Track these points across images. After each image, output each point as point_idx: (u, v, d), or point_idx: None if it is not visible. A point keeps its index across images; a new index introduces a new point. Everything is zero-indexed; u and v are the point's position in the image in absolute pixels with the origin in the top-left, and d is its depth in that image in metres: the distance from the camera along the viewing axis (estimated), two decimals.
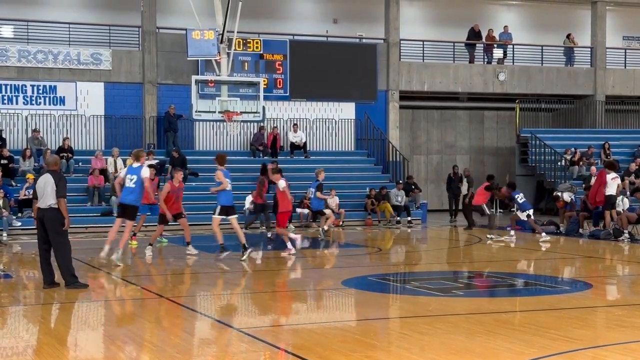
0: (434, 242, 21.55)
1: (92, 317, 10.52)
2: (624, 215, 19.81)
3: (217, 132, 28.01)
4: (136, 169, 14.91)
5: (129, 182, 14.84)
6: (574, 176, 28.11)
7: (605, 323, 9.71)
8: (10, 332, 9.34)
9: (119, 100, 27.25)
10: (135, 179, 14.81)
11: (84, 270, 14.73)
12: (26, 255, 18.25)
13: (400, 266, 16.05)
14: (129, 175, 14.90)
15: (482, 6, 33.67)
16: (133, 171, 14.91)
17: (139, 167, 14.92)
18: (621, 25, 35.20)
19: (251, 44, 27.93)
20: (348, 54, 29.52)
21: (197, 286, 13.21)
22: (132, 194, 14.85)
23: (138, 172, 14.86)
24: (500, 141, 34.01)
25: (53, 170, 12.00)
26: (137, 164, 14.98)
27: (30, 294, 11.97)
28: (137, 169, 14.90)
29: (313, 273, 14.84)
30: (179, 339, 8.75)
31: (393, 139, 29.89)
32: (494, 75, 31.57)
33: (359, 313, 10.65)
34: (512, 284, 13.08)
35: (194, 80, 22.02)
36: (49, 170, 12.12)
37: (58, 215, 11.55)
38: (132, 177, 14.83)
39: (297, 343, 8.48)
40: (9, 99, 26.12)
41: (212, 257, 16.37)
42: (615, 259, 16.91)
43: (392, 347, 8.20)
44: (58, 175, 11.83)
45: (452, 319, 9.66)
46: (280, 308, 11.00)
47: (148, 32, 27.56)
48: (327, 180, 25.51)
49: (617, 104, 33.65)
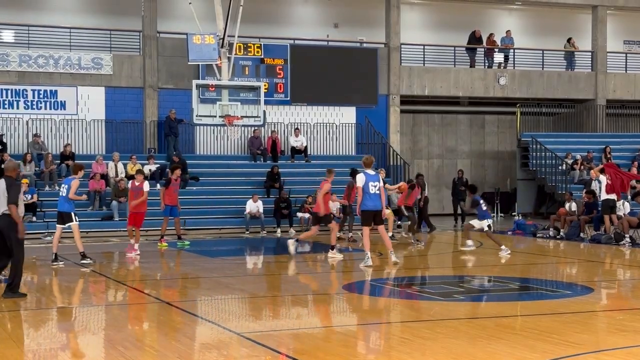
0: (435, 246, 21.51)
1: (92, 322, 10.50)
2: (625, 220, 19.80)
3: (218, 137, 28.02)
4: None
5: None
6: (574, 180, 28.10)
7: (606, 327, 9.69)
8: (9, 337, 9.33)
9: (120, 104, 27.28)
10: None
11: (85, 274, 14.73)
12: (26, 260, 18.22)
13: (401, 270, 16.03)
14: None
15: (483, 11, 33.69)
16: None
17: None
18: (622, 30, 35.22)
19: (252, 48, 27.95)
20: (349, 59, 29.53)
21: (197, 290, 13.20)
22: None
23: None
24: (501, 145, 34.02)
25: (8, 176, 11.57)
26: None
27: (30, 299, 11.95)
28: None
29: (314, 277, 14.82)
30: (180, 343, 8.74)
31: (394, 143, 29.90)
32: (495, 79, 31.59)
33: (360, 317, 10.64)
34: (514, 289, 13.06)
35: (195, 85, 22.06)
36: (5, 175, 11.68)
37: (12, 221, 11.38)
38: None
39: (298, 347, 8.47)
40: (10, 104, 26.14)
41: (216, 261, 16.33)
42: (616, 263, 16.89)
43: (393, 352, 8.18)
44: (10, 182, 11.42)
45: (454, 323, 9.64)
46: (281, 312, 10.99)
47: (149, 37, 27.58)
48: None
49: (618, 108, 33.65)
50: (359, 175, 15.16)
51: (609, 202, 20.24)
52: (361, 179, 14.98)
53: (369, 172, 15.14)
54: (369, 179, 14.99)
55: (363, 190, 14.95)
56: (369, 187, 14.92)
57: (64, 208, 15.72)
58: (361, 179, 14.98)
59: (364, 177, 14.98)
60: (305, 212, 24.03)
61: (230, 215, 24.61)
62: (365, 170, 15.16)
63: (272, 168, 25.88)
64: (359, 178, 15.06)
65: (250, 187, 25.53)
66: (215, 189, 25.85)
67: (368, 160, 15.47)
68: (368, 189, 14.92)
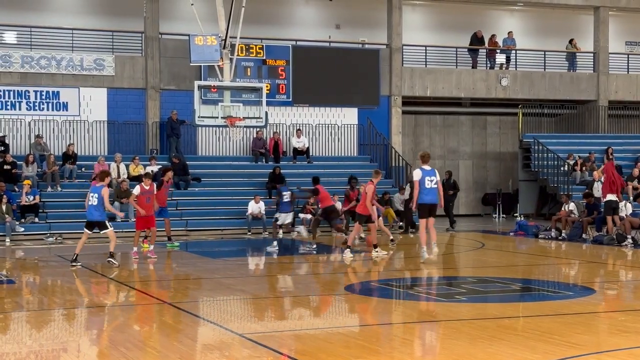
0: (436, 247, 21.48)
1: (94, 323, 10.51)
2: (627, 221, 19.79)
3: (220, 138, 28.03)
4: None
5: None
6: (576, 182, 28.08)
7: (608, 328, 9.69)
8: (13, 338, 9.35)
9: (122, 105, 27.30)
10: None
11: (87, 275, 14.74)
12: (29, 261, 18.28)
13: (403, 271, 16.04)
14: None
15: (485, 12, 33.69)
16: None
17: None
18: (624, 31, 35.20)
19: (254, 49, 27.97)
20: (351, 60, 29.54)
21: (199, 291, 13.21)
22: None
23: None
24: (503, 146, 34.00)
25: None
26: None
27: (33, 300, 11.98)
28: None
29: (316, 278, 14.83)
30: (181, 344, 8.75)
31: (396, 144, 29.90)
32: (497, 80, 31.58)
33: (361, 318, 10.65)
34: (515, 289, 13.07)
35: (197, 86, 22.06)
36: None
37: None
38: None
39: (300, 348, 8.47)
40: (12, 105, 26.16)
41: (218, 262, 16.33)
42: (618, 264, 16.88)
43: (395, 353, 8.19)
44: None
45: (455, 324, 9.65)
46: (283, 313, 11.00)
47: (151, 38, 27.60)
48: (329, 186, 25.55)
49: (620, 109, 33.62)
50: (415, 171, 15.88)
51: (612, 204, 20.24)
52: (418, 174, 15.64)
53: (425, 167, 15.73)
54: (425, 174, 15.60)
55: (420, 184, 15.55)
56: (425, 181, 15.52)
57: (95, 217, 15.50)
58: (418, 174, 15.64)
59: (421, 173, 15.62)
60: (307, 212, 24.04)
61: (232, 216, 24.62)
62: (422, 166, 15.76)
63: (274, 169, 25.89)
64: (416, 173, 15.73)
65: (252, 188, 25.54)
66: (217, 190, 25.86)
67: (425, 156, 15.97)
68: (424, 184, 15.51)
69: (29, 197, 22.89)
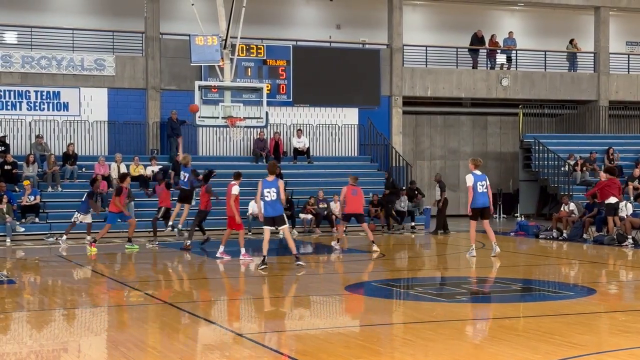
0: (437, 247, 21.51)
1: (95, 323, 10.51)
2: (628, 221, 19.78)
3: (220, 138, 28.03)
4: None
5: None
6: (577, 182, 28.08)
7: (609, 329, 9.68)
8: (13, 338, 9.34)
9: (123, 105, 27.30)
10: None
11: (87, 275, 14.74)
12: (30, 261, 18.28)
13: (404, 272, 16.03)
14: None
15: (485, 12, 33.69)
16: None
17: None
18: (624, 31, 35.20)
19: (254, 49, 27.97)
20: (351, 60, 29.54)
21: (200, 292, 13.20)
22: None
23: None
24: (503, 146, 34.01)
25: None
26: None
27: (34, 300, 11.97)
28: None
29: (317, 278, 14.82)
30: (182, 344, 8.75)
31: (396, 144, 29.89)
32: (497, 80, 31.58)
33: (362, 319, 10.64)
34: (516, 290, 13.06)
35: (197, 86, 22.05)
36: None
37: None
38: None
39: (300, 348, 8.47)
40: (13, 105, 26.17)
41: (215, 262, 16.33)
42: (619, 264, 16.87)
43: (396, 353, 8.18)
44: None
45: (456, 324, 9.64)
46: (283, 313, 10.99)
47: (151, 38, 27.60)
48: (330, 186, 25.58)
49: (621, 109, 33.63)
50: (468, 176, 16.70)
51: (613, 205, 20.24)
52: (470, 179, 16.55)
53: (476, 172, 16.67)
54: (477, 179, 16.56)
55: (473, 189, 16.49)
56: (477, 186, 16.51)
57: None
58: (470, 179, 16.55)
59: (473, 178, 16.54)
60: (307, 213, 24.01)
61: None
62: (474, 171, 16.66)
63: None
64: (469, 178, 16.60)
65: (252, 189, 25.43)
66: (217, 190, 25.77)
67: (477, 162, 16.92)
68: (477, 188, 16.49)
69: (30, 197, 22.89)
